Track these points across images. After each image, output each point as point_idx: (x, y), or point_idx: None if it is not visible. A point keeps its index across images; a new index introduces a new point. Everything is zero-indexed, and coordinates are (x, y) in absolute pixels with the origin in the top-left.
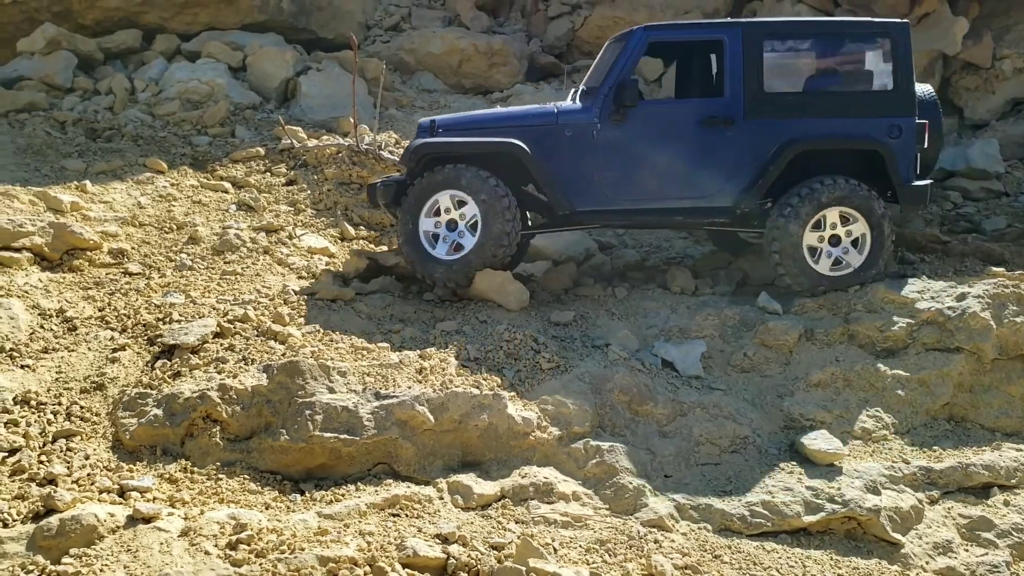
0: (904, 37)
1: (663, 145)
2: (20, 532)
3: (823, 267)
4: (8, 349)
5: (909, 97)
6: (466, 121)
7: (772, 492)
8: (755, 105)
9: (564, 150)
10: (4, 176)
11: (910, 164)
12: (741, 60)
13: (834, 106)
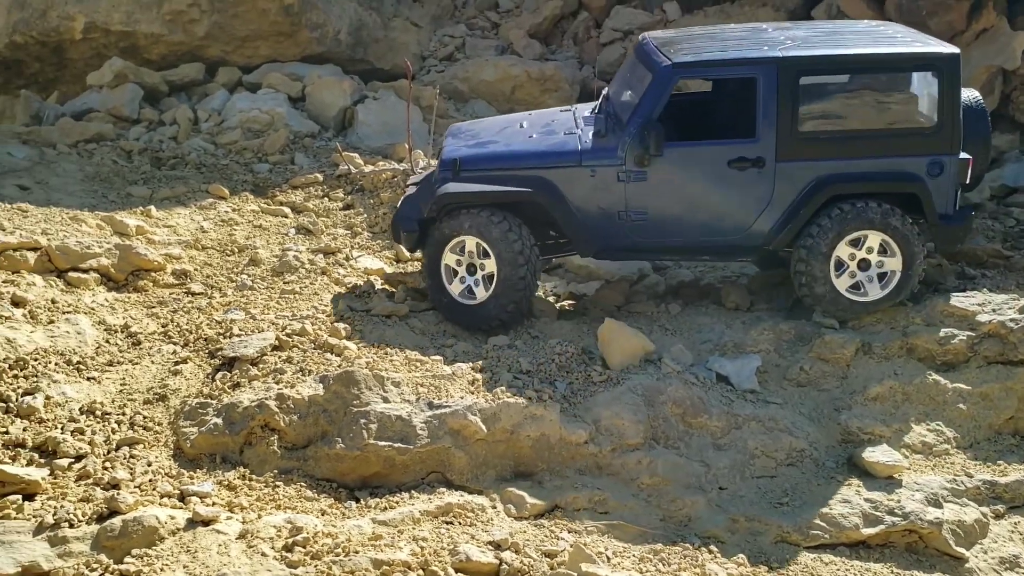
0: (953, 68)
1: (690, 187)
2: (85, 532)
3: (842, 284)
4: (76, 362)
5: (954, 133)
6: (489, 158)
7: (830, 504)
8: (788, 146)
9: (588, 191)
10: (73, 202)
11: (949, 202)
12: (775, 99)
13: (872, 145)
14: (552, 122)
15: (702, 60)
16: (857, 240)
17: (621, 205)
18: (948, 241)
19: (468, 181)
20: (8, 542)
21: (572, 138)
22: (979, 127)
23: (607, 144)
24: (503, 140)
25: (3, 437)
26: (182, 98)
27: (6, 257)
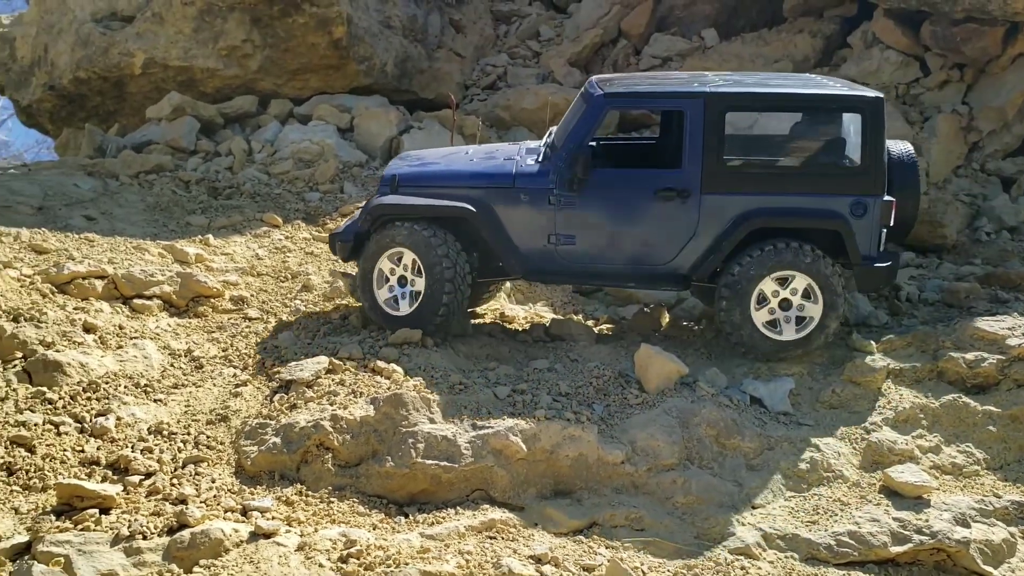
0: (877, 111)
1: (618, 214)
2: (157, 544)
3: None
4: (143, 385)
5: (878, 174)
6: (427, 176)
7: (859, 523)
8: (713, 178)
9: (520, 213)
10: (136, 231)
11: (873, 243)
12: (701, 132)
13: (797, 181)
14: (496, 151)
15: (633, 92)
16: (783, 279)
17: (551, 228)
18: (870, 282)
19: (416, 195)
20: (88, 552)
21: (509, 163)
22: (909, 178)
23: (540, 169)
24: (444, 163)
25: (79, 455)
26: (236, 130)
27: (76, 285)
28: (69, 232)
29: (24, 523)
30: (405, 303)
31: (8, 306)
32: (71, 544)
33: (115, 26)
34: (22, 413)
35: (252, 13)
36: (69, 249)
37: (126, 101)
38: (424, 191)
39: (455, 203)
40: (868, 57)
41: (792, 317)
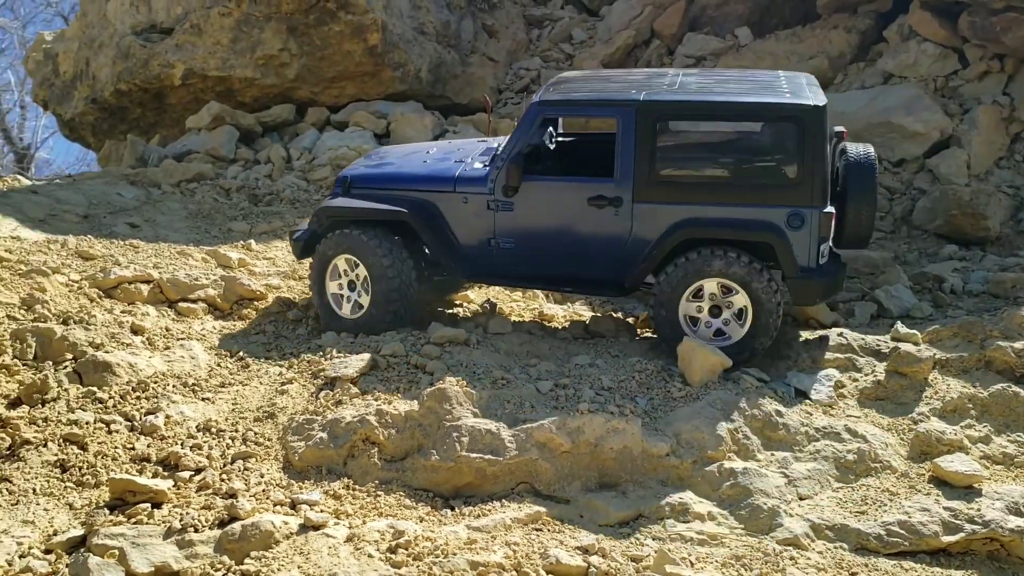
0: (815, 121)
1: (553, 221)
2: (208, 536)
3: (704, 334)
4: (191, 384)
5: (817, 186)
6: (377, 178)
7: (909, 512)
8: (645, 187)
9: (461, 216)
10: (180, 238)
11: (810, 255)
12: (633, 141)
13: (730, 192)
14: (454, 151)
15: (567, 100)
16: (726, 289)
17: (491, 232)
18: (805, 296)
19: (356, 198)
20: (142, 544)
21: (457, 165)
22: (865, 182)
23: (481, 173)
24: (399, 163)
25: (130, 452)
26: (275, 138)
27: (122, 290)
28: (114, 239)
29: (78, 518)
30: (349, 307)
31: (58, 310)
32: (125, 537)
33: (155, 38)
34: (74, 412)
35: (288, 22)
36: (115, 255)
37: (166, 112)
38: (374, 193)
39: (393, 207)
40: (905, 50)
41: (714, 326)
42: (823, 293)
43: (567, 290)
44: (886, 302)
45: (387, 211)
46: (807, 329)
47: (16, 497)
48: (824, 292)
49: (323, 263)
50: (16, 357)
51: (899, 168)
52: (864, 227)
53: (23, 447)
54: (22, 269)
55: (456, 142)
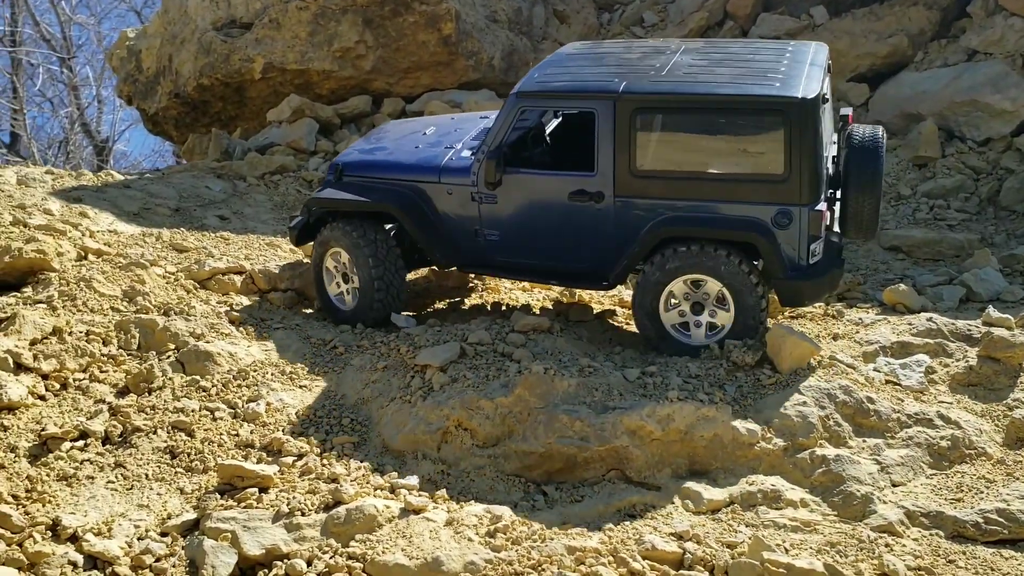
0: (802, 115)
1: (535, 214)
2: (314, 520)
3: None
4: (288, 372)
5: (806, 182)
6: (368, 165)
7: (1007, 500)
8: (626, 183)
9: (447, 207)
10: (267, 229)
11: (799, 255)
12: (612, 134)
13: (714, 188)
14: (455, 131)
15: (546, 90)
16: (695, 282)
17: (476, 223)
18: (793, 297)
19: (347, 186)
20: (252, 528)
21: (444, 153)
22: (866, 167)
23: (465, 164)
24: (391, 148)
25: (234, 439)
26: (352, 129)
27: (216, 281)
28: (205, 231)
29: (190, 502)
30: (345, 297)
31: (158, 301)
32: (236, 520)
33: (235, 33)
34: (179, 400)
35: (364, 14)
36: (207, 247)
37: (246, 105)
38: (365, 180)
39: (377, 198)
40: (990, 26)
41: (703, 322)
42: (812, 295)
43: (553, 283)
44: (975, 286)
45: (369, 203)
46: (895, 314)
47: (131, 482)
48: (813, 294)
49: (319, 255)
50: (121, 347)
51: (985, 147)
52: (867, 217)
53: (134, 434)
54: (121, 262)
55: (459, 118)
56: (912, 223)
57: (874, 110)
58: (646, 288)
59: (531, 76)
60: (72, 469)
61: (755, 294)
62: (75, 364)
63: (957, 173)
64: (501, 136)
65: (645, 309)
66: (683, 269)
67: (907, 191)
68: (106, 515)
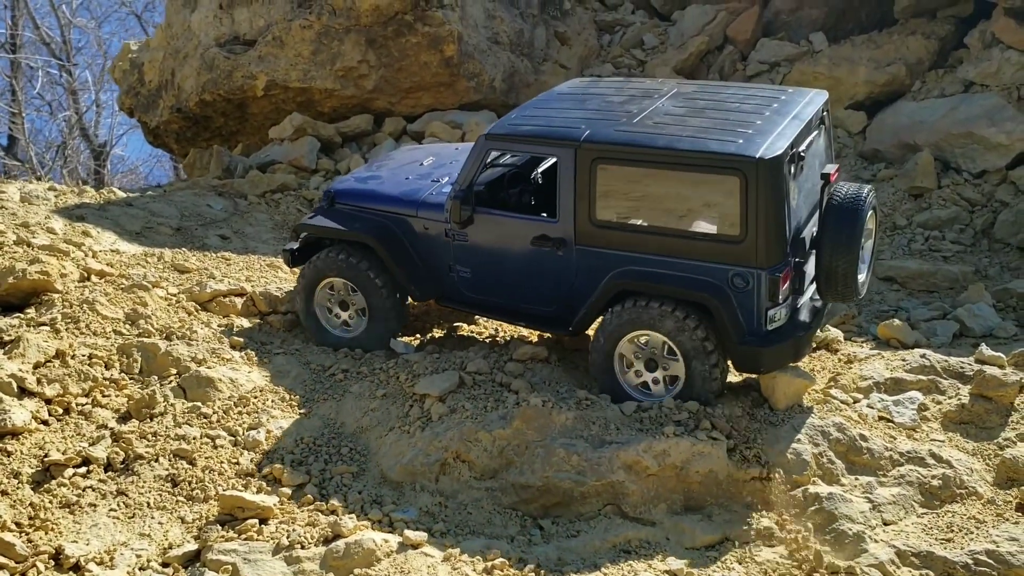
0: (760, 175)
1: (503, 255)
2: (314, 553)
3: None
4: (288, 399)
5: (764, 245)
6: (358, 194)
7: (996, 541)
8: (587, 232)
9: (423, 241)
10: (268, 249)
11: (755, 320)
12: (573, 182)
13: (672, 244)
14: (451, 163)
15: (512, 134)
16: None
17: (450, 259)
18: (747, 364)
19: (336, 214)
20: (253, 560)
21: (425, 188)
22: (843, 228)
23: (440, 200)
24: (385, 177)
25: (235, 467)
26: (353, 148)
27: (217, 303)
28: (207, 251)
29: (191, 531)
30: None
31: (160, 325)
32: (237, 553)
33: (238, 50)
34: (180, 427)
35: (367, 34)
36: (209, 268)
37: (247, 121)
38: (354, 209)
39: (359, 229)
40: (987, 58)
41: (660, 378)
42: (770, 362)
43: (521, 324)
44: (969, 321)
45: (350, 232)
46: (888, 349)
47: (132, 510)
48: (771, 361)
49: (313, 281)
50: (123, 371)
51: (980, 180)
52: (839, 280)
53: (136, 461)
54: (124, 284)
55: (463, 148)
56: (907, 254)
57: (871, 138)
58: (598, 351)
59: (509, 116)
60: (75, 496)
61: (707, 360)
62: (78, 388)
63: (952, 204)
64: (470, 177)
65: (600, 370)
66: (625, 327)
67: (903, 221)
68: (108, 544)
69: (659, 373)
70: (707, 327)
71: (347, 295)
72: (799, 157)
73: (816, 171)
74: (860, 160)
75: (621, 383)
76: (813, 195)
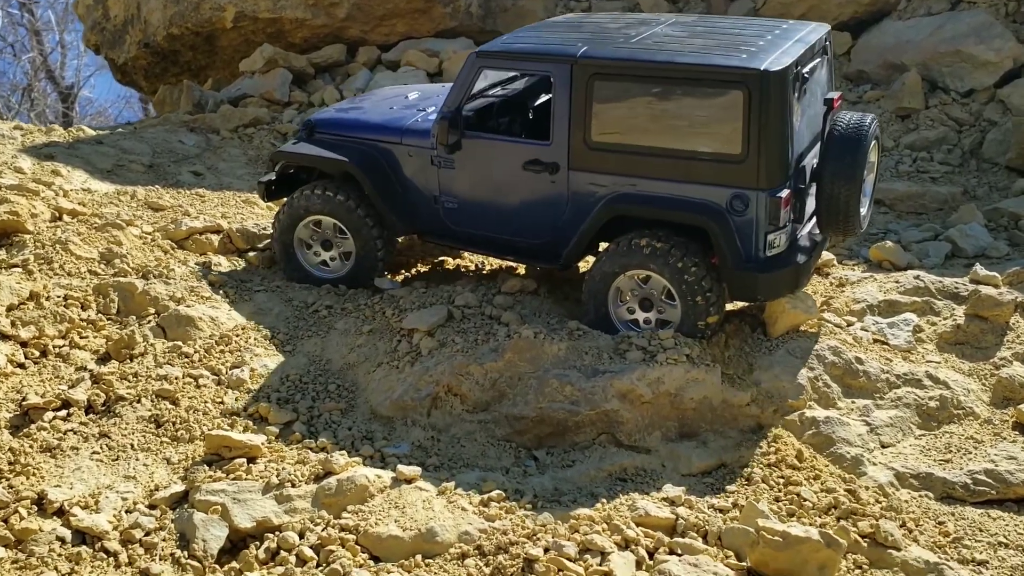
0: (765, 88)
1: (492, 182)
2: (305, 491)
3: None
4: (271, 337)
5: (765, 165)
6: (339, 124)
7: (995, 460)
8: (581, 155)
9: (408, 170)
10: (242, 185)
11: (754, 244)
12: (568, 102)
13: (670, 167)
14: (436, 96)
15: (505, 51)
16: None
17: (436, 189)
18: (742, 289)
19: (315, 144)
20: (242, 500)
21: (409, 115)
22: (844, 158)
23: (426, 126)
24: (368, 108)
25: (219, 407)
26: (327, 79)
27: (193, 240)
28: (180, 188)
29: (177, 472)
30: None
31: (136, 264)
32: (226, 493)
33: None
34: (162, 367)
35: None
36: (184, 205)
37: (217, 55)
38: (334, 138)
39: (338, 156)
40: None
41: (652, 319)
42: (767, 290)
43: (509, 258)
44: (961, 242)
45: (330, 160)
46: (881, 272)
47: (116, 453)
48: (768, 289)
49: (298, 216)
50: (100, 312)
51: (968, 99)
52: (840, 212)
53: (118, 403)
54: (97, 223)
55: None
56: (895, 176)
57: (856, 59)
58: (595, 279)
59: (501, 37)
60: (55, 440)
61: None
62: (54, 330)
63: (940, 125)
64: (459, 98)
65: (595, 300)
66: (630, 262)
67: (890, 143)
68: (92, 487)
69: (652, 315)
70: (704, 260)
71: (334, 236)
72: (803, 78)
73: (819, 99)
74: (846, 82)
75: (612, 315)
76: (815, 123)
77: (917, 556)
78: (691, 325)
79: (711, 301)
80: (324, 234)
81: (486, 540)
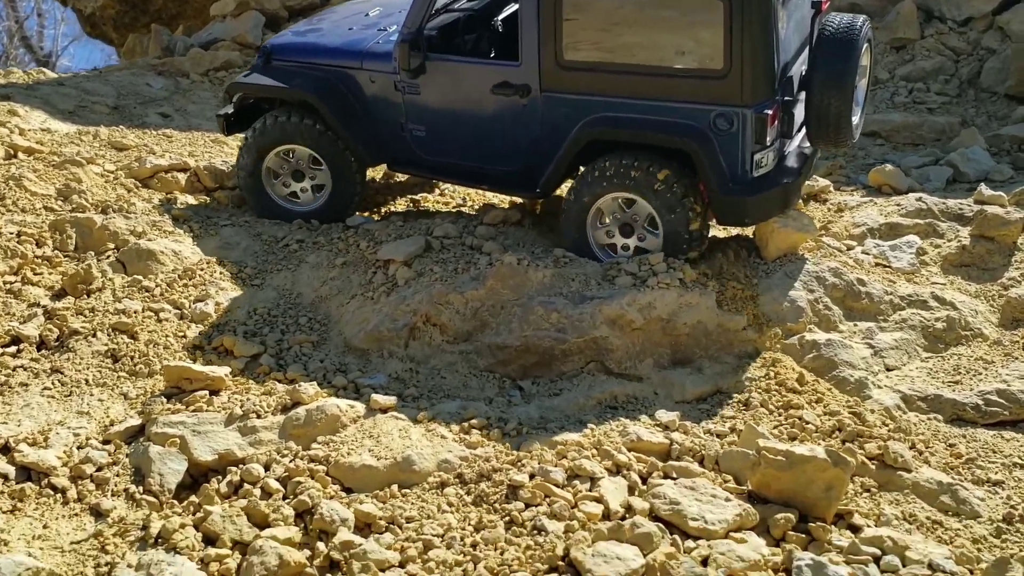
0: (748, 3)
1: (459, 107)
2: (272, 422)
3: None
4: (239, 271)
5: (750, 80)
6: (296, 48)
7: (1007, 381)
8: (554, 75)
9: (371, 97)
10: (212, 127)
11: (740, 165)
12: (537, 17)
13: (648, 85)
14: (398, 12)
15: None
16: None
17: (402, 116)
18: (729, 213)
19: (273, 72)
20: (203, 432)
21: (370, 37)
22: (835, 61)
23: (388, 48)
24: (327, 30)
25: (182, 340)
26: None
27: (159, 179)
28: (146, 128)
29: (134, 407)
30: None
31: (95, 200)
32: (185, 425)
33: None
34: (120, 302)
35: None
36: (149, 144)
37: (188, 3)
38: (292, 65)
39: (295, 85)
40: None
41: (631, 246)
42: (756, 213)
43: (484, 188)
44: (963, 166)
45: (286, 89)
46: (880, 196)
47: (69, 388)
48: (758, 212)
49: (269, 144)
50: (57, 248)
51: (966, 27)
52: (832, 120)
53: (72, 338)
54: (55, 160)
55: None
56: (891, 107)
57: None
58: (573, 201)
59: None
60: (3, 377)
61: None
62: (5, 266)
63: (937, 55)
64: (420, 17)
65: (572, 222)
66: (613, 184)
67: (885, 75)
68: (42, 424)
69: (632, 241)
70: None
71: (307, 167)
72: None
73: (806, 1)
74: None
75: (589, 238)
76: (803, 28)
77: (929, 477)
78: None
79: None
80: (296, 164)
81: (467, 468)
